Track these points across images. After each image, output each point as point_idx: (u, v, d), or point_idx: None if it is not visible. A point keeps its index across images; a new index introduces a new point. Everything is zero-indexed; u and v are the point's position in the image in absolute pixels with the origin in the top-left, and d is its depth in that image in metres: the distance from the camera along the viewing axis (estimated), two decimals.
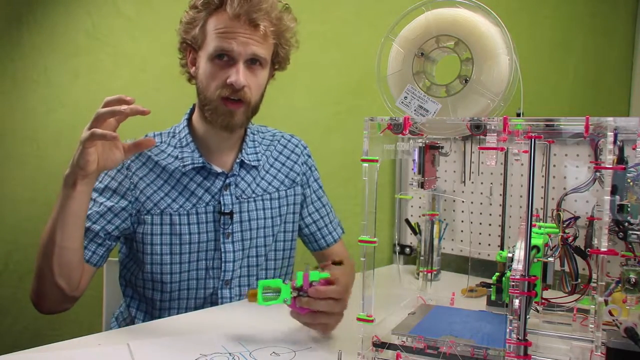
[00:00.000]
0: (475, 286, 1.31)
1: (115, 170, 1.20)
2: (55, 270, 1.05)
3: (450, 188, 1.63)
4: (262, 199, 1.27)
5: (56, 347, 0.93)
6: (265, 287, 0.93)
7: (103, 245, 1.16)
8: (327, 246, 1.36)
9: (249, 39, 1.13)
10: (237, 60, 1.13)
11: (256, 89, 1.18)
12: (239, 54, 1.13)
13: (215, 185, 1.22)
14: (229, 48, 1.12)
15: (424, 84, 0.85)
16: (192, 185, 1.21)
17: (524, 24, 1.79)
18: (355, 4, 1.81)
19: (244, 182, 1.25)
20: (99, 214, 1.16)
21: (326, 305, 0.94)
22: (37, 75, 1.68)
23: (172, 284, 1.20)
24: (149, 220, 1.18)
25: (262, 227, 1.26)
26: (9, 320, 1.71)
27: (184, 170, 1.21)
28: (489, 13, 0.81)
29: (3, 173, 1.68)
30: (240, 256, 1.23)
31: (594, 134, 0.73)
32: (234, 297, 1.23)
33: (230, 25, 1.13)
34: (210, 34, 1.15)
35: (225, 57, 1.13)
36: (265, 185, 1.28)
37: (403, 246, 1.76)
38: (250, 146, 1.29)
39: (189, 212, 1.20)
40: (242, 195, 1.24)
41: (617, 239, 0.76)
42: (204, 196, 1.21)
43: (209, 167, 1.22)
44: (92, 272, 1.16)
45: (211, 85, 1.15)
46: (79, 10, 1.69)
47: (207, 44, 1.15)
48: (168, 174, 1.21)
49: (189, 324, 1.07)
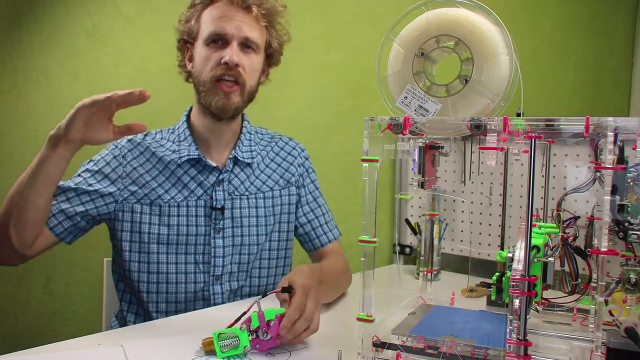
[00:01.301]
0: (475, 286, 1.31)
1: (112, 156, 1.24)
2: (10, 222, 1.06)
3: (450, 188, 1.63)
4: (255, 197, 1.28)
5: (56, 347, 0.93)
6: (220, 335, 0.89)
7: (72, 219, 1.17)
8: (322, 246, 1.37)
9: (242, 22, 1.19)
10: (230, 42, 1.18)
11: (251, 72, 1.21)
12: (232, 36, 1.18)
13: (209, 180, 1.24)
14: (223, 31, 1.18)
15: (424, 84, 0.85)
16: (186, 177, 1.23)
17: (524, 24, 1.79)
18: (355, 4, 1.81)
19: (237, 179, 1.26)
20: (83, 191, 1.18)
21: (302, 324, 0.93)
22: (37, 75, 1.68)
23: (160, 274, 1.20)
24: (138, 209, 1.20)
25: (254, 224, 1.27)
26: (9, 320, 1.71)
27: (179, 162, 1.23)
28: (489, 13, 0.81)
29: (3, 173, 1.68)
30: (230, 252, 1.24)
31: (594, 134, 0.73)
32: (225, 292, 1.24)
33: (224, 10, 1.19)
34: (205, 23, 1.20)
35: (220, 40, 1.19)
36: (259, 184, 1.29)
37: (403, 246, 1.76)
38: (246, 144, 1.30)
39: (179, 204, 1.21)
40: (235, 192, 1.25)
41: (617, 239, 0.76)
42: (197, 190, 1.23)
43: (204, 160, 1.24)
44: (51, 241, 1.17)
45: (205, 68, 1.19)
46: (79, 10, 1.69)
47: (202, 32, 1.21)
48: (164, 165, 1.23)
49: (185, 325, 1.07)
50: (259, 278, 1.30)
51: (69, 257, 1.69)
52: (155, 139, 1.28)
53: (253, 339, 0.90)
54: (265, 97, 1.31)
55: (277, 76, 1.34)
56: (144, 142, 1.26)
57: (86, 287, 1.70)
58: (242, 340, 0.89)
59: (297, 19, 1.38)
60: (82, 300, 1.27)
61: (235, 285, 1.25)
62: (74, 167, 1.66)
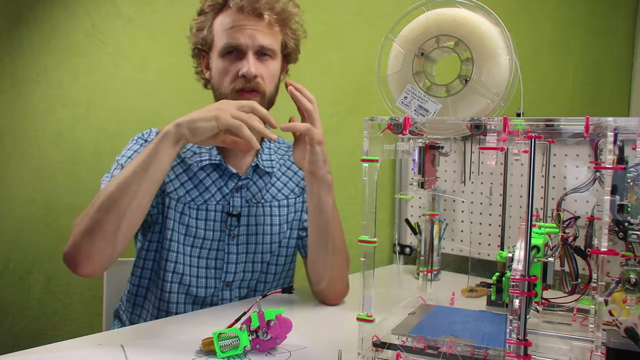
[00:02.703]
0: (475, 286, 1.31)
1: (140, 145, 1.23)
2: (121, 226, 1.01)
3: (450, 188, 1.63)
4: (270, 206, 1.27)
5: (56, 347, 0.93)
6: (220, 335, 0.88)
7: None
8: None
9: (255, 30, 1.16)
10: (246, 53, 1.16)
11: (269, 79, 1.20)
12: (247, 47, 1.15)
13: (228, 186, 1.23)
14: (237, 42, 1.15)
15: (424, 84, 0.85)
16: (208, 181, 1.22)
17: (524, 24, 1.79)
18: (355, 4, 1.81)
19: (256, 187, 1.26)
20: None
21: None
22: (37, 75, 1.68)
23: (175, 274, 1.19)
24: (168, 204, 1.19)
25: (268, 232, 1.26)
26: (9, 320, 1.71)
27: (201, 165, 1.22)
28: (489, 13, 0.81)
29: (3, 173, 1.68)
30: (243, 259, 1.23)
31: (594, 134, 0.73)
32: (234, 298, 1.24)
33: (235, 19, 1.16)
34: (217, 33, 1.18)
35: (235, 51, 1.16)
36: (274, 192, 1.29)
37: (403, 246, 1.76)
38: (266, 153, 1.30)
39: (199, 206, 1.21)
40: (252, 199, 1.25)
41: (617, 239, 0.76)
42: (216, 194, 1.22)
43: (225, 166, 1.23)
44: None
45: (224, 81, 1.18)
46: (79, 10, 1.69)
47: (215, 43, 1.18)
48: (186, 165, 1.23)
49: (185, 325, 1.07)
50: (265, 283, 1.29)
51: None
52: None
53: (253, 339, 0.90)
54: None
55: None
56: None
57: (86, 287, 1.70)
58: (242, 340, 0.89)
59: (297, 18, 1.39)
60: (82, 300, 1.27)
61: (244, 292, 1.25)
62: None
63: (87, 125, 1.71)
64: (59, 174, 1.70)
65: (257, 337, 0.90)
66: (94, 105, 1.72)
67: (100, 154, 1.66)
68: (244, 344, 0.89)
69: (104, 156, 1.62)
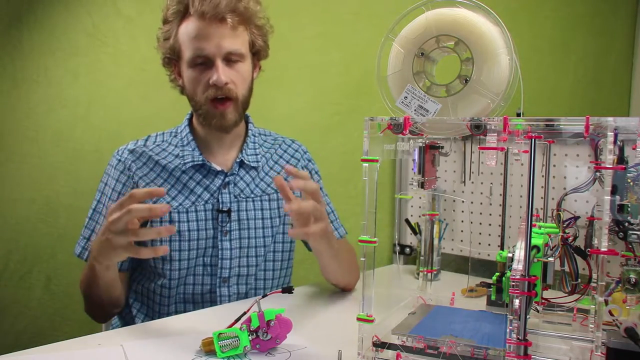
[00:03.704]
0: (475, 286, 1.31)
1: (118, 171, 1.23)
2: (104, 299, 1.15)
3: (450, 188, 1.63)
4: (260, 200, 1.27)
5: (56, 347, 0.92)
6: (220, 335, 0.88)
7: None
8: None
9: (220, 36, 1.15)
10: (214, 61, 1.16)
11: (241, 84, 1.20)
12: (214, 55, 1.15)
13: (215, 184, 1.23)
14: (203, 53, 1.15)
15: (424, 84, 0.85)
16: (192, 183, 1.22)
17: (524, 24, 1.79)
18: (355, 4, 1.81)
19: (243, 182, 1.26)
20: None
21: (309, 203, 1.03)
22: (37, 75, 1.68)
23: (172, 280, 1.20)
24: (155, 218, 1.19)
25: (260, 227, 1.26)
26: (9, 320, 1.71)
27: (184, 168, 1.23)
28: (489, 13, 0.81)
29: (3, 173, 1.68)
30: (237, 254, 1.24)
31: (594, 134, 0.73)
32: (232, 295, 1.24)
33: (199, 26, 1.15)
34: (183, 42, 1.18)
35: (203, 61, 1.16)
36: (264, 187, 1.29)
37: (403, 246, 1.76)
38: (251, 147, 1.30)
39: (187, 209, 1.21)
40: (241, 194, 1.25)
41: (617, 239, 0.76)
42: (203, 194, 1.22)
43: (209, 165, 1.23)
44: (125, 277, 1.24)
45: (197, 90, 1.19)
46: (79, 10, 1.69)
47: (183, 53, 1.19)
48: (168, 172, 1.23)
49: (185, 325, 1.06)
50: (265, 280, 1.29)
51: (69, 257, 1.69)
52: (156, 143, 1.27)
53: (253, 339, 0.90)
54: (265, 97, 1.31)
55: (277, 76, 1.34)
56: (146, 150, 1.25)
57: None
58: (242, 340, 0.89)
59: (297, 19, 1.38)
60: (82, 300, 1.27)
61: (243, 288, 1.25)
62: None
63: (87, 125, 1.71)
64: (59, 174, 1.70)
65: (257, 337, 0.90)
66: (94, 105, 1.72)
67: (100, 154, 1.66)
68: (244, 344, 0.89)
69: (104, 156, 1.61)
